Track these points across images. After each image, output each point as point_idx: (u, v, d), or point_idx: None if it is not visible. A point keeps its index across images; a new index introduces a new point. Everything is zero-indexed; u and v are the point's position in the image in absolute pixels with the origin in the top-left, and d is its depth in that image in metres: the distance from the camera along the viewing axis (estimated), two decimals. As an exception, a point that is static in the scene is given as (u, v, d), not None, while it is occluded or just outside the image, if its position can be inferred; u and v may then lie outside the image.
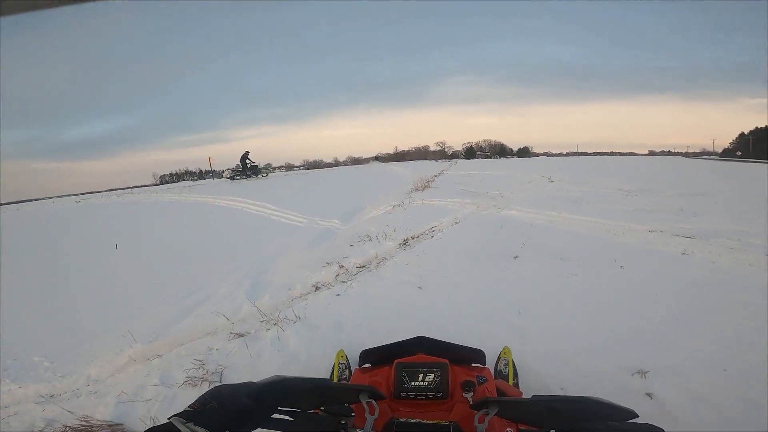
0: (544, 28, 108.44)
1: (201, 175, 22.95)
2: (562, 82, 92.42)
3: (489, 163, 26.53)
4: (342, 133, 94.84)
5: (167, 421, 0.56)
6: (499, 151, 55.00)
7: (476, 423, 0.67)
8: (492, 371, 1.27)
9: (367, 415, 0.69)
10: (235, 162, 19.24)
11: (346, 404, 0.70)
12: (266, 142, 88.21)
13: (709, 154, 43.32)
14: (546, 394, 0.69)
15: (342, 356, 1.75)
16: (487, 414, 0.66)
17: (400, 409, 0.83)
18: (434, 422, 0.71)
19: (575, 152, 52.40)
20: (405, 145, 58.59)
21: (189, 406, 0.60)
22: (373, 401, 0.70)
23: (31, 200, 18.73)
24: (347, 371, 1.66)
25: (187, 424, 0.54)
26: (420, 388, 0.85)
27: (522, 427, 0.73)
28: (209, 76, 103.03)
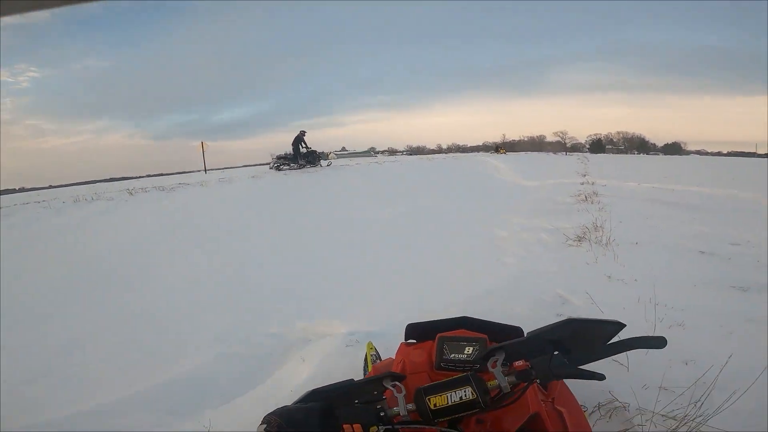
0: (685, 7, 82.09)
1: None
2: (716, 71, 68.69)
3: (654, 162, 17.21)
4: (445, 120, 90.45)
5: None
6: (638, 146, 41.68)
7: (489, 368, 0.72)
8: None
9: (395, 394, 0.75)
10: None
11: (375, 392, 0.76)
12: (373, 127, 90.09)
13: None
14: (537, 328, 0.72)
15: (371, 348, 1.88)
16: (497, 360, 0.72)
17: (440, 379, 0.85)
18: (453, 377, 0.74)
19: (745, 152, 35.23)
20: (515, 135, 47.21)
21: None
22: (398, 382, 0.76)
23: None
24: (377, 360, 1.80)
25: None
26: (459, 360, 0.93)
27: None
28: (326, 66, 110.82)
